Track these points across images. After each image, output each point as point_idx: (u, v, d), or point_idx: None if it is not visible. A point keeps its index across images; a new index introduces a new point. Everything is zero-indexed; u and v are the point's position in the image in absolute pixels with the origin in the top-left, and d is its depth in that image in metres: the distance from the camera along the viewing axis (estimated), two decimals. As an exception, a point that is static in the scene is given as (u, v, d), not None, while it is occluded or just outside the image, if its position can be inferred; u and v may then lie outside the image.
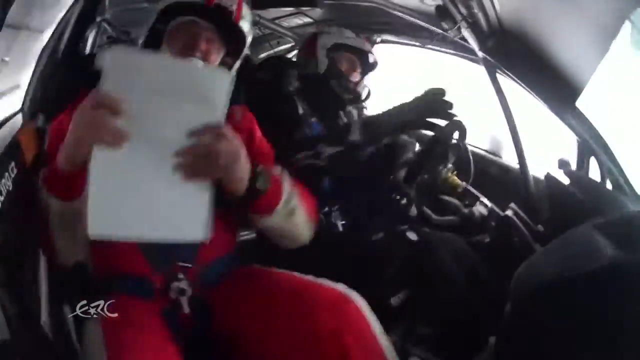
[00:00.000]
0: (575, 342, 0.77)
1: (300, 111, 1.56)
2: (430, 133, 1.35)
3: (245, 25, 1.11)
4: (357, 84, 1.68)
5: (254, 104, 1.55)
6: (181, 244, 0.87)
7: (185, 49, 1.03)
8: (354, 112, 1.79)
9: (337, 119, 1.69)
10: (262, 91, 1.63)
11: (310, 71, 1.63)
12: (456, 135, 1.42)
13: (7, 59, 0.87)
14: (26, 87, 1.28)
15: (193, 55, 1.02)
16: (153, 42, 1.09)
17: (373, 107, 2.24)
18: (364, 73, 1.72)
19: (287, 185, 1.00)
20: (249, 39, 1.13)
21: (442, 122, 1.21)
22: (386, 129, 1.27)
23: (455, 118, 1.21)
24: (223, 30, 1.08)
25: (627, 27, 1.02)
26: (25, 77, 1.29)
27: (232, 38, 1.11)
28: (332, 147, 1.24)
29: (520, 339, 0.88)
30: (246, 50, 1.16)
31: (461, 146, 1.48)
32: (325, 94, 1.62)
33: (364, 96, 1.72)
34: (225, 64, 1.12)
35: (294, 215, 1.01)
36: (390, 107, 1.26)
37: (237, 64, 1.16)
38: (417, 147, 1.39)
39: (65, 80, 1.21)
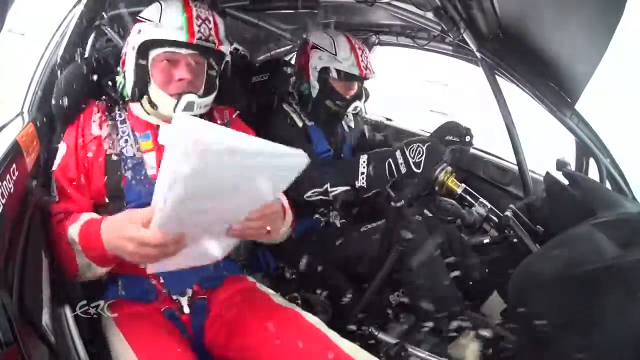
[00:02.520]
0: (574, 337, 0.78)
1: (297, 120, 1.58)
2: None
3: (224, 46, 1.13)
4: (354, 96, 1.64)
5: (252, 108, 1.56)
6: None
7: (172, 80, 1.08)
8: (351, 116, 1.80)
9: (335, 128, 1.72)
10: (260, 96, 1.64)
11: (304, 90, 1.63)
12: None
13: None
14: (26, 91, 1.28)
15: (184, 87, 1.08)
16: (139, 76, 1.10)
17: (372, 105, 2.26)
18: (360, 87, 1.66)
19: (288, 210, 1.11)
20: (227, 51, 1.16)
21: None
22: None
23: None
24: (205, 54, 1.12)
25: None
26: (25, 81, 1.30)
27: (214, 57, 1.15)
28: (339, 187, 1.39)
29: (521, 334, 0.89)
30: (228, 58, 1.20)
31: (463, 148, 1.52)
32: (320, 110, 1.63)
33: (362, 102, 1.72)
34: (210, 77, 1.16)
35: (286, 228, 1.12)
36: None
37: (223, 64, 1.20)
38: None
39: (69, 87, 1.19)
